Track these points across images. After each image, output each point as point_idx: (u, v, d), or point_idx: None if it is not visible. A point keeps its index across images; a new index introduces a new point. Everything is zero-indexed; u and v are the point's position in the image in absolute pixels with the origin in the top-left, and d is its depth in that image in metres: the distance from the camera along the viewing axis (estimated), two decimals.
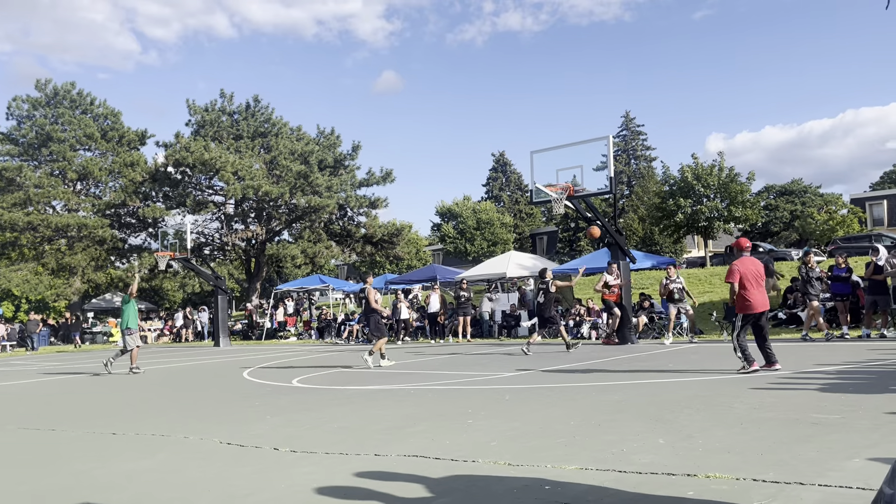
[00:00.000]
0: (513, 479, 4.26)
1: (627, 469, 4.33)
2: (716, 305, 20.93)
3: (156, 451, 5.80)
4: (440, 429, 6.14)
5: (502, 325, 23.01)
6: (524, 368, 11.33)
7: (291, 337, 28.97)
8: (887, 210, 46.37)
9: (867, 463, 4.16)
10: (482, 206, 59.69)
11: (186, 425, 7.09)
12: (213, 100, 40.90)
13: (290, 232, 40.90)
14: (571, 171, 16.84)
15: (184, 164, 35.48)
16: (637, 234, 48.26)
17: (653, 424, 5.79)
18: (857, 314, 16.17)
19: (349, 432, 6.21)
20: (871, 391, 7.03)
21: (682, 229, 37.81)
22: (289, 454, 5.41)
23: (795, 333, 16.52)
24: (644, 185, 52.05)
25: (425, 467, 4.67)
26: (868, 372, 8.88)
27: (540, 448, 5.11)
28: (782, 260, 30.67)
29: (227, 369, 14.65)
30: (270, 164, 38.16)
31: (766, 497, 3.60)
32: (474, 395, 8.45)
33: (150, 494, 4.43)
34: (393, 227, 40.00)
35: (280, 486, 4.43)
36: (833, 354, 11.09)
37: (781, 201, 58.48)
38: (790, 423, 5.52)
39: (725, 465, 4.29)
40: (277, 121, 40.67)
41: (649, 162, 64.56)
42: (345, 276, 59.10)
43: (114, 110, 43.39)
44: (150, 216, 36.67)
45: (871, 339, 13.70)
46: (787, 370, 9.17)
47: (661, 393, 7.70)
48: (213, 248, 39.87)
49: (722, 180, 35.62)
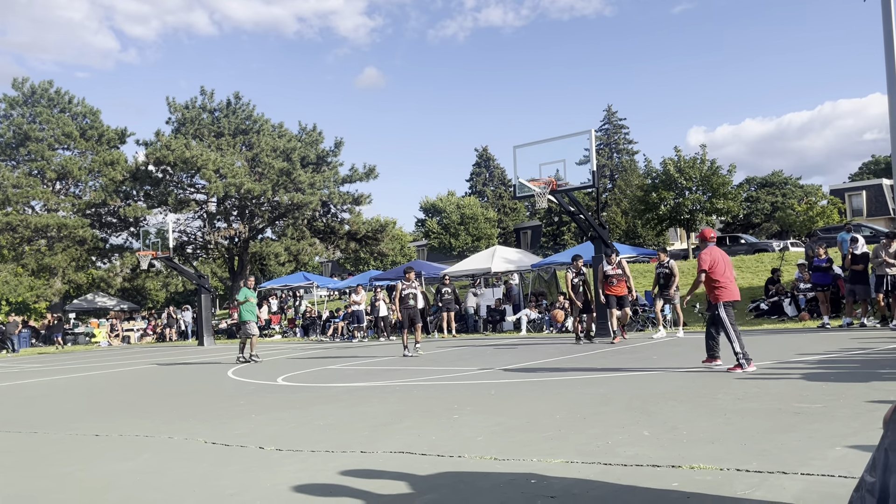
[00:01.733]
0: (499, 474, 4.26)
1: (613, 461, 4.35)
2: (699, 297, 21.07)
3: (140, 452, 5.75)
4: (426, 425, 6.13)
5: (487, 319, 23.05)
6: (509, 363, 11.35)
7: (276, 335, 28.86)
8: (866, 201, 46.90)
9: (849, 451, 4.21)
10: (466, 201, 59.72)
11: (171, 425, 7.04)
12: (193, 97, 40.67)
13: (274, 229, 40.68)
14: (554, 165, 16.87)
15: (165, 163, 35.16)
16: (620, 227, 48.49)
17: (638, 416, 5.82)
18: (837, 304, 16.37)
19: (335, 430, 6.19)
20: (852, 380, 7.11)
21: (665, 222, 38.06)
22: (274, 453, 5.39)
23: (778, 324, 16.68)
24: (627, 179, 52.28)
25: (411, 464, 4.67)
26: (849, 361, 8.98)
27: (526, 442, 5.12)
28: (763, 251, 30.95)
29: (211, 368, 14.57)
30: (252, 161, 37.93)
31: (749, 487, 3.63)
32: (460, 390, 8.45)
33: (135, 496, 4.40)
34: (377, 224, 39.90)
35: (266, 484, 4.41)
36: (814, 344, 11.20)
37: (762, 193, 58.96)
38: (773, 413, 5.57)
39: (709, 455, 4.32)
40: (259, 118, 40.40)
41: (631, 155, 64.83)
42: (329, 273, 58.93)
43: (92, 109, 42.94)
44: (132, 215, 36.31)
45: (852, 329, 13.86)
46: (769, 360, 9.25)
47: (646, 385, 7.75)
48: (196, 246, 39.58)
49: (704, 173, 35.88)
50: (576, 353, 12.46)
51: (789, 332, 14.38)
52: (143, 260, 27.70)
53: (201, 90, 40.73)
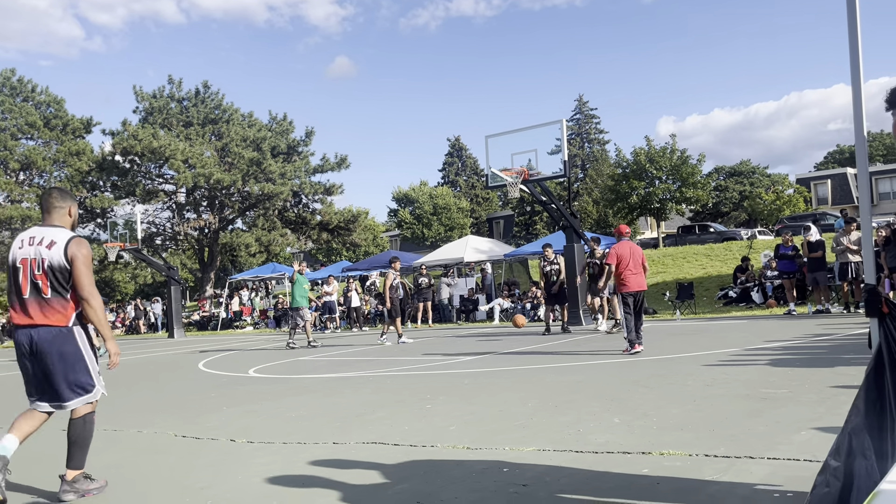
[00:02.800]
0: (471, 463, 4.28)
1: (584, 449, 4.38)
2: (668, 285, 21.32)
3: (108, 447, 5.67)
4: (399, 415, 6.13)
5: (460, 309, 23.09)
6: (483, 352, 11.39)
7: (248, 326, 28.62)
8: (831, 189, 47.76)
9: (813, 435, 4.29)
10: (439, 191, 59.67)
11: (140, 419, 6.95)
12: (161, 86, 40.00)
13: (244, 220, 40.32)
14: (526, 155, 16.92)
15: (132, 153, 34.63)
16: (591, 216, 48.79)
17: (609, 404, 5.88)
18: (803, 291, 16.68)
19: (307, 421, 6.17)
20: (818, 365, 7.25)
21: (636, 211, 38.41)
22: (246, 445, 5.35)
23: (746, 311, 16.95)
24: (598, 168, 52.60)
25: (384, 454, 4.67)
26: (814, 347, 9.16)
27: (498, 431, 5.14)
28: (732, 240, 31.40)
29: (182, 361, 14.42)
30: (222, 151, 37.49)
31: (717, 472, 3.68)
32: (433, 380, 8.46)
33: (103, 491, 4.33)
34: (349, 214, 39.74)
35: (237, 477, 4.38)
36: (781, 330, 11.40)
37: (731, 182, 59.76)
38: (740, 399, 5.66)
39: (679, 441, 4.38)
40: (228, 107, 39.93)
41: (603, 145, 65.22)
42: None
43: (57, 98, 42.06)
44: (98, 206, 35.75)
45: (818, 315, 14.13)
46: (737, 347, 9.40)
47: (617, 373, 7.82)
48: (165, 237, 39.09)
49: (674, 162, 36.26)
50: (548, 342, 12.53)
51: (757, 318, 14.62)
52: (111, 251, 27.27)
53: (169, 79, 40.10)
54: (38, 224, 4.30)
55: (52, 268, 4.03)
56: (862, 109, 2.36)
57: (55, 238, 4.09)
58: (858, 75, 2.37)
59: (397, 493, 3.80)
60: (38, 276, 4.03)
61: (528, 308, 20.29)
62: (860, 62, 2.37)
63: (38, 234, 4.13)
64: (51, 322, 4.03)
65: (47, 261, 4.03)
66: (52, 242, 4.07)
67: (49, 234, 4.12)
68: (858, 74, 2.37)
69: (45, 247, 4.06)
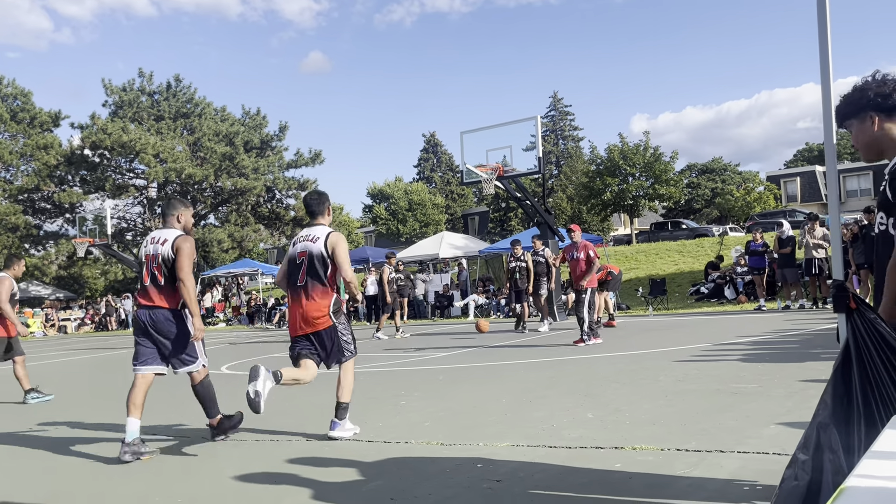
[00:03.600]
0: (445, 460, 4.27)
1: (557, 444, 4.41)
2: (641, 281, 21.52)
3: (75, 447, 5.58)
4: (373, 411, 6.11)
5: (435, 305, 23.09)
6: (457, 348, 11.40)
7: (220, 323, 28.36)
8: (800, 187, 48.50)
9: (782, 429, 4.35)
10: (414, 187, 59.53)
11: (109, 418, 6.84)
12: (131, 79, 39.27)
13: (217, 216, 39.88)
14: (501, 151, 16.95)
15: (101, 147, 33.99)
16: (566, 213, 49.03)
17: (582, 399, 5.92)
18: (773, 287, 16.94)
19: (280, 418, 6.12)
20: (786, 360, 7.37)
21: (609, 208, 38.69)
22: (218, 443, 5.29)
23: (717, 307, 17.16)
24: (572, 165, 52.86)
25: (358, 450, 4.65)
26: (783, 342, 9.30)
27: (472, 427, 5.15)
28: (704, 236, 31.78)
29: None
30: (194, 145, 37.03)
31: (688, 466, 3.72)
32: (407, 376, 8.45)
33: (69, 492, 4.26)
34: None
35: (209, 475, 4.33)
36: (752, 326, 11.56)
37: (703, 179, 60.42)
38: (711, 394, 5.73)
39: (651, 436, 4.42)
40: (200, 101, 39.41)
41: (577, 142, 65.53)
42: (274, 260, 58.12)
43: (24, 90, 41.18)
44: (67, 201, 35.05)
45: (788, 311, 14.35)
46: (709, 342, 9.51)
47: (591, 368, 7.88)
48: (136, 233, 38.50)
49: (647, 160, 36.57)
50: (522, 338, 12.58)
51: (728, 314, 14.81)
52: (80, 247, 26.78)
53: (139, 72, 39.40)
54: (157, 227, 5.56)
55: (164, 261, 5.13)
56: (831, 108, 2.39)
57: (167, 237, 5.21)
58: (828, 74, 2.40)
59: (371, 489, 3.79)
60: (156, 268, 5.15)
61: (503, 304, 20.33)
62: (830, 62, 2.40)
63: (158, 235, 5.30)
64: (165, 304, 5.12)
65: (161, 255, 5.14)
66: (165, 240, 5.19)
67: (164, 234, 5.27)
68: (828, 74, 2.40)
69: (160, 244, 5.19)
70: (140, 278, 5.28)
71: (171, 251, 5.11)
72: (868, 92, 2.40)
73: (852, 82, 2.55)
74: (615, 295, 14.82)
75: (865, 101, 2.40)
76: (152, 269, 5.15)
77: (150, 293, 5.15)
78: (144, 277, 5.19)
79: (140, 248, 5.43)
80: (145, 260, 5.23)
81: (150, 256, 5.19)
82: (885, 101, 2.42)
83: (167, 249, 5.12)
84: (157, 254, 5.16)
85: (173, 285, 5.11)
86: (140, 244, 5.44)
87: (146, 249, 5.27)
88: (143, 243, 5.39)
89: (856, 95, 2.43)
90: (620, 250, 29.98)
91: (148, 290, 5.16)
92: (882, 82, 2.42)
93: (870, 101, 2.39)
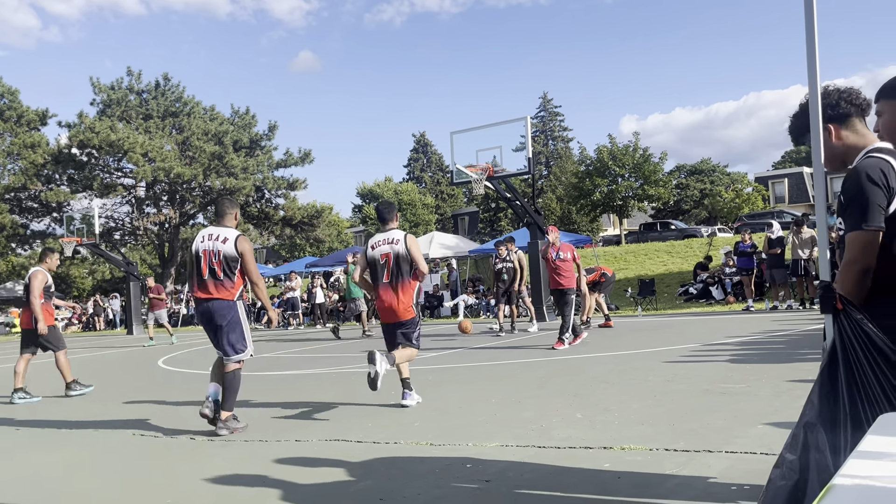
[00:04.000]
0: (434, 459, 4.27)
1: (547, 444, 4.41)
2: (630, 282, 21.59)
3: (63, 445, 5.55)
4: (362, 411, 6.11)
5: (425, 305, 23.07)
6: (446, 348, 11.40)
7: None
8: (788, 188, 48.82)
9: (770, 429, 4.38)
10: (404, 186, 59.51)
11: (97, 417, 6.81)
12: (119, 78, 39.02)
13: (206, 215, 39.66)
14: (491, 151, 16.95)
15: (89, 146, 33.74)
16: (555, 213, 49.12)
17: (571, 399, 5.93)
18: (761, 287, 17.04)
19: (269, 418, 6.10)
20: (774, 361, 7.41)
21: (599, 208, 38.78)
22: (206, 443, 5.27)
23: (706, 307, 17.24)
24: (562, 166, 52.97)
25: (346, 451, 4.64)
26: (771, 342, 9.35)
27: (461, 427, 5.15)
28: (692, 237, 31.91)
29: (141, 357, 14.15)
30: (183, 144, 36.83)
31: (677, 465, 3.73)
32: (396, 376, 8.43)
33: (58, 491, 4.23)
34: (313, 209, 39.32)
35: (197, 475, 4.31)
36: (740, 326, 11.62)
37: (692, 180, 60.63)
38: (700, 394, 5.76)
39: (640, 436, 4.43)
40: (189, 100, 39.19)
41: (566, 142, 65.67)
42: (263, 259, 57.94)
43: (11, 88, 40.83)
44: (54, 200, 34.75)
45: (776, 311, 14.44)
46: (698, 343, 9.55)
47: (580, 369, 7.90)
48: (124, 232, 38.28)
49: (636, 160, 36.68)
50: (513, 338, 12.59)
51: (716, 314, 14.88)
52: (68, 246, 26.63)
53: (128, 71, 39.12)
54: (212, 224, 5.92)
55: (225, 258, 5.55)
56: (818, 110, 2.40)
57: (227, 236, 5.62)
58: (815, 77, 2.41)
59: (360, 490, 3.78)
60: (215, 263, 5.54)
61: (493, 304, 20.32)
62: (817, 64, 2.42)
63: (215, 233, 5.67)
64: (222, 297, 5.54)
65: (222, 252, 5.55)
66: (225, 239, 5.60)
67: (223, 232, 5.65)
68: (815, 76, 2.41)
69: (220, 242, 5.59)
70: (197, 273, 5.58)
71: (235, 250, 5.55)
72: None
73: (840, 85, 2.59)
74: (606, 295, 14.82)
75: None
76: (212, 264, 5.54)
77: (208, 286, 5.54)
78: (203, 272, 5.54)
79: (193, 243, 5.75)
80: (202, 255, 5.56)
81: (210, 252, 5.56)
82: (836, 110, 2.53)
83: (230, 247, 5.55)
84: (217, 250, 5.55)
85: (231, 279, 5.55)
86: (192, 240, 5.58)
87: (202, 245, 5.61)
88: (198, 238, 5.69)
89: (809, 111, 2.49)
90: (610, 251, 30.05)
91: (206, 284, 5.54)
92: (825, 94, 2.54)
93: (823, 114, 2.45)
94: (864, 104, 2.58)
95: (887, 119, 2.52)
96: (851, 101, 2.55)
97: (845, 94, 2.57)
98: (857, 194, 2.37)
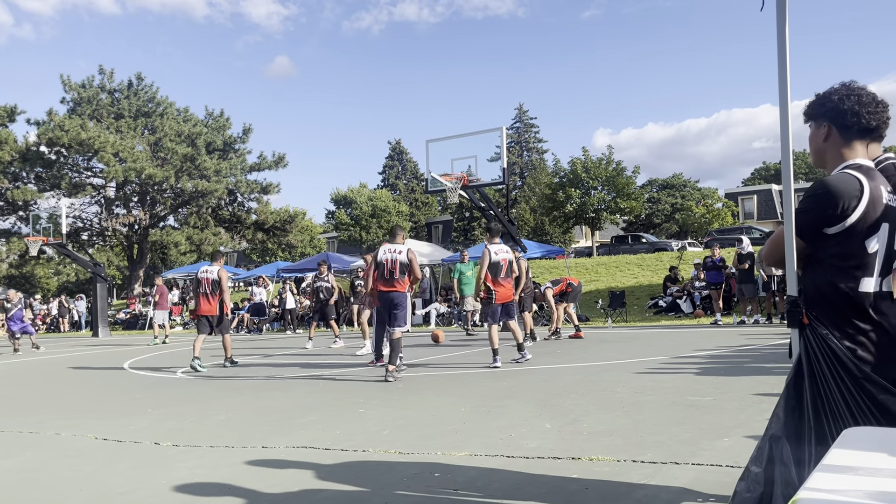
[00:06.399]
0: (403, 467, 4.25)
1: (515, 454, 4.41)
2: (601, 293, 21.74)
3: (22, 449, 5.42)
4: (331, 419, 6.06)
5: None
6: (417, 356, 11.36)
7: (177, 326, 27.83)
8: (757, 204, 49.62)
9: (736, 441, 4.43)
10: (378, 193, 59.29)
11: (58, 421, 6.66)
12: (90, 76, 38.46)
13: (176, 217, 39.19)
14: (466, 160, 17.01)
15: (58, 144, 33.14)
16: (529, 224, 49.38)
17: (540, 410, 5.94)
18: (729, 302, 17.27)
19: (236, 424, 6.03)
20: (741, 374, 7.50)
21: (571, 220, 39.05)
22: (170, 448, 5.18)
23: (675, 320, 17.42)
24: (536, 177, 53.27)
25: (315, 458, 4.60)
26: (738, 356, 9.47)
27: (431, 436, 5.13)
28: (663, 250, 32.25)
29: (106, 360, 13.90)
30: (155, 145, 36.35)
31: (644, 476, 3.76)
32: (367, 383, 8.39)
33: (16, 496, 4.13)
34: (286, 214, 39.04)
35: (160, 482, 4.24)
36: (708, 340, 11.76)
37: (663, 194, 61.37)
38: (667, 406, 5.81)
39: (608, 447, 4.45)
40: (163, 101, 38.73)
41: (541, 154, 66.06)
42: (235, 263, 57.34)
43: None
44: (20, 198, 34.05)
45: (743, 325, 14.63)
46: (666, 356, 9.64)
47: (550, 379, 7.92)
48: (93, 233, 37.64)
49: (609, 173, 37.02)
50: (484, 348, 12.59)
51: (685, 328, 15.04)
52: (33, 246, 26.14)
53: (100, 69, 38.55)
54: (385, 241, 9.10)
55: (401, 264, 8.69)
56: (789, 130, 2.45)
57: (401, 249, 8.82)
58: (786, 96, 2.46)
59: (326, 497, 3.74)
60: (395, 268, 8.69)
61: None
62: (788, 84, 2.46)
63: (393, 247, 8.82)
64: (398, 289, 8.70)
65: (399, 261, 8.70)
66: (400, 251, 8.78)
67: (398, 247, 8.86)
68: (786, 96, 2.46)
69: (398, 253, 8.75)
70: (387, 272, 8.69)
71: (407, 259, 8.73)
72: (830, 101, 2.43)
73: (874, 93, 2.40)
74: (576, 306, 14.92)
75: (825, 109, 2.44)
76: (392, 268, 8.67)
77: (390, 282, 8.67)
78: (386, 273, 8.69)
79: (378, 252, 8.92)
80: (384, 262, 8.71)
81: (390, 261, 8.69)
82: (843, 117, 2.39)
83: (403, 258, 8.70)
84: (396, 259, 8.69)
85: (403, 277, 8.70)
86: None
87: (384, 255, 8.75)
88: (381, 251, 8.85)
89: (823, 100, 2.46)
90: (581, 262, 30.26)
91: (389, 281, 8.67)
92: (849, 89, 2.39)
93: (829, 111, 2.43)
94: (874, 127, 2.37)
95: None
96: (860, 120, 2.36)
97: (864, 110, 2.35)
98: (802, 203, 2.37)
